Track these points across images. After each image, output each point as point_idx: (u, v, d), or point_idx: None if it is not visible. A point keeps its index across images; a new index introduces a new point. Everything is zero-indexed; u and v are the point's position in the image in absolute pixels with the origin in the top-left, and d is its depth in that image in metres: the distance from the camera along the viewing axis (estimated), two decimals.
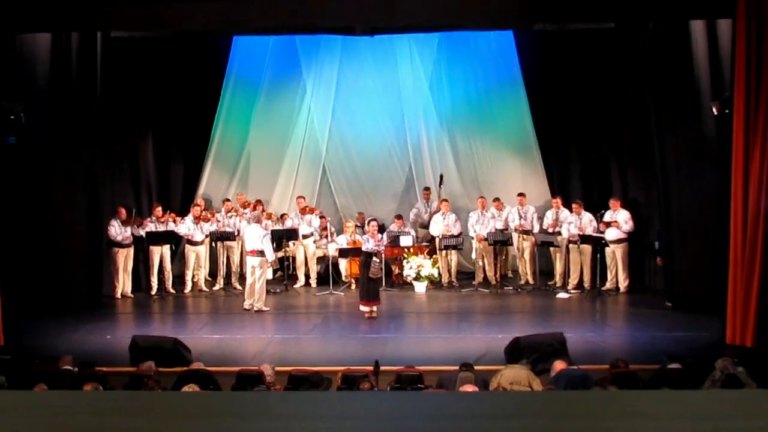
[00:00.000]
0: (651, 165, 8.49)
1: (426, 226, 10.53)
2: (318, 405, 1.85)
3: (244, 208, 10.15)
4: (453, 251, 9.87)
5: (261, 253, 8.19)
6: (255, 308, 8.28)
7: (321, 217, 10.28)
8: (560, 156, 10.75)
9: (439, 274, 9.87)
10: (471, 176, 11.25)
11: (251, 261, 8.29)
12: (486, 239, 9.65)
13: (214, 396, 2.57)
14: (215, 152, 11.05)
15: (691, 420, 1.72)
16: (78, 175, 8.19)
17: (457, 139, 11.17)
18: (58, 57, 7.71)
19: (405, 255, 9.81)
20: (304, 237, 10.04)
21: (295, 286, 9.96)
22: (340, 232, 10.32)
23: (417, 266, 9.63)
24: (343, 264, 9.94)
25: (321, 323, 7.80)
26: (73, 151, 8.07)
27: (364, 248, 7.99)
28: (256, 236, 8.25)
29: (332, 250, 9.72)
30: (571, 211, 9.62)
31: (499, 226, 9.88)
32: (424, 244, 10.32)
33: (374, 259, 7.69)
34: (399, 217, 10.40)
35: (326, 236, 10.06)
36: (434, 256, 9.86)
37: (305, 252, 10.12)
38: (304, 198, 10.26)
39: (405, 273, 9.76)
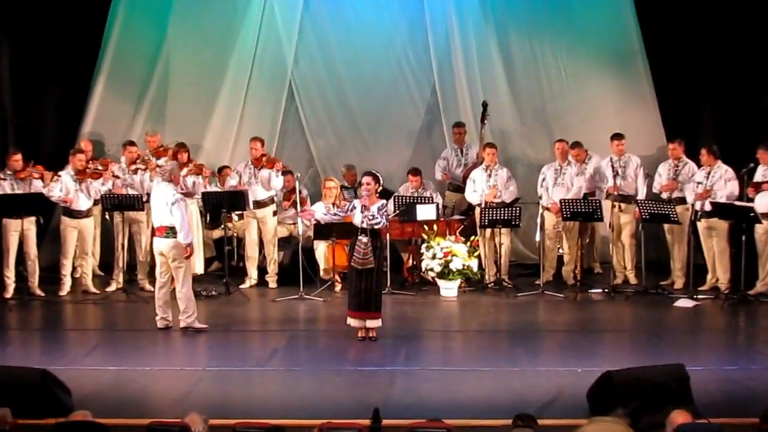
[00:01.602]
0: None
1: (460, 188, 10.60)
2: None
3: (158, 157, 10.18)
4: (504, 230, 9.87)
5: (171, 233, 8.04)
6: (180, 325, 8.20)
7: (285, 173, 10.31)
8: (682, 80, 10.83)
9: (481, 268, 9.93)
10: (534, 105, 11.36)
11: (158, 246, 8.20)
12: (561, 210, 9.65)
13: None
14: (110, 67, 11.12)
15: None
16: None
17: (512, 42, 11.26)
18: None
19: (425, 236, 9.80)
20: (258, 205, 10.10)
21: (242, 286, 10.05)
22: (317, 197, 10.37)
23: (444, 254, 9.62)
24: (321, 250, 9.97)
25: (285, 348, 7.90)
26: None
27: (356, 223, 7.90)
28: (163, 203, 8.10)
29: (303, 228, 9.76)
30: (699, 166, 9.61)
31: (577, 188, 9.93)
32: (456, 217, 10.41)
33: (360, 238, 7.79)
34: (415, 172, 10.46)
35: (294, 204, 10.10)
36: (473, 238, 9.86)
37: (259, 230, 10.18)
38: (259, 141, 10.24)
39: (424, 265, 9.76)
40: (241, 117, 11.23)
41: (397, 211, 9.86)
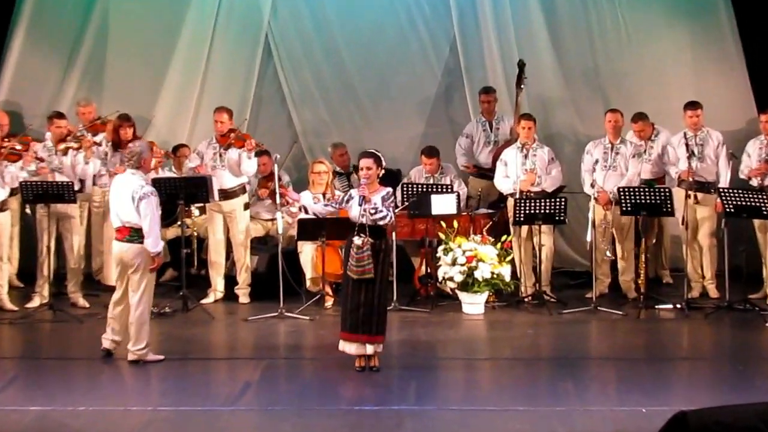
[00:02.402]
0: None
1: (488, 173, 10.64)
2: None
3: (95, 132, 10.20)
4: (545, 228, 9.89)
5: (137, 236, 7.95)
6: (128, 357, 8.13)
7: (260, 154, 10.33)
8: None
9: (515, 277, 9.95)
10: (585, 66, 11.46)
11: (118, 252, 8.12)
12: (620, 202, 9.65)
13: None
14: (31, 16, 11.17)
15: None
16: None
17: None
18: None
19: (442, 236, 9.80)
20: (225, 196, 10.14)
21: (204, 301, 10.09)
22: (302, 186, 10.42)
23: (467, 259, 9.61)
24: (307, 254, 9.97)
25: (260, 382, 7.89)
26: None
27: (353, 216, 7.83)
28: (127, 197, 8.00)
29: (285, 225, 9.78)
30: None
31: (632, 173, 9.99)
32: (483, 211, 10.43)
33: (355, 240, 7.72)
34: (429, 152, 10.49)
35: (272, 195, 10.13)
36: (504, 238, 9.84)
37: (227, 228, 10.22)
38: (226, 113, 10.22)
39: (441, 274, 9.75)
40: (203, 81, 11.30)
41: (407, 204, 9.87)
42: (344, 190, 9.69)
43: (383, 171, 7.89)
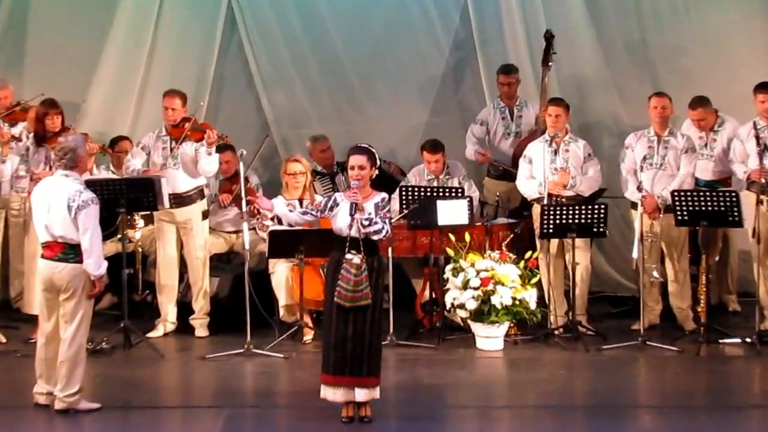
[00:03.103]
0: None
1: (508, 173, 10.68)
2: None
3: (12, 122, 10.23)
4: (580, 242, 9.90)
5: (72, 254, 7.90)
6: (56, 405, 8.10)
7: (223, 149, 10.38)
8: None
9: (542, 303, 9.96)
10: (629, 40, 11.50)
11: (46, 273, 8.09)
12: (673, 209, 9.65)
13: None
14: None
15: None
16: None
17: None
18: None
19: (451, 252, 9.83)
20: (179, 201, 10.14)
21: (152, 334, 10.11)
22: (275, 189, 10.47)
23: (483, 282, 9.60)
24: (281, 275, 10.01)
25: None
26: None
27: (338, 228, 7.80)
28: (59, 204, 7.97)
29: (251, 237, 9.77)
30: None
31: (685, 173, 9.98)
32: (502, 221, 10.45)
33: (349, 257, 7.67)
34: (434, 147, 10.48)
35: (236, 200, 10.15)
36: (529, 255, 9.87)
37: (180, 242, 10.25)
38: (178, 98, 10.20)
39: (450, 300, 9.77)
40: (149, 58, 11.36)
41: (405, 211, 9.85)
42: (327, 195, 9.62)
43: (377, 171, 7.82)
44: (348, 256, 7.59)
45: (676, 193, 9.58)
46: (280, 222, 8.20)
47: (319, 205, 8.01)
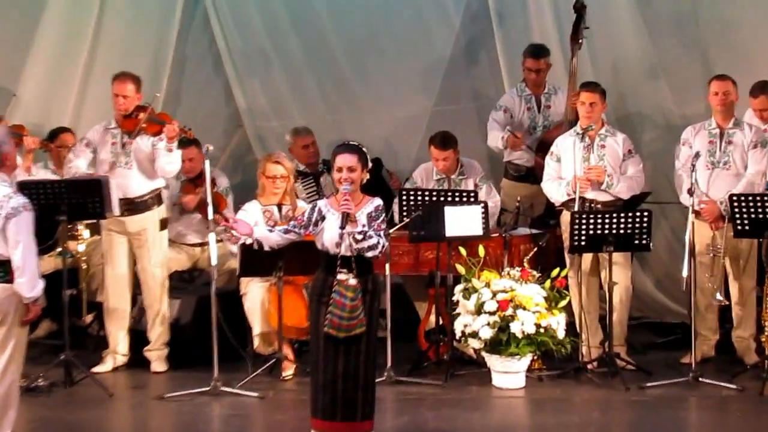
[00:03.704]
0: None
1: (531, 173, 10.72)
2: None
3: None
4: (618, 257, 9.93)
5: (2, 272, 7.88)
6: None
7: (186, 144, 10.42)
8: None
9: (573, 331, 9.96)
10: (678, 13, 11.49)
11: None
12: (734, 216, 9.63)
13: None
14: None
15: None
16: None
17: None
18: None
19: (461, 270, 9.85)
20: (132, 207, 10.16)
21: (98, 369, 10.13)
22: (247, 191, 10.53)
23: (500, 305, 9.59)
24: (255, 297, 10.03)
25: None
26: None
27: (322, 244, 7.83)
28: None
29: (219, 251, 9.76)
30: None
31: (754, 172, 9.97)
32: (524, 231, 10.46)
33: (342, 277, 7.68)
34: (443, 142, 10.51)
35: (201, 206, 10.24)
36: (557, 273, 9.87)
37: (133, 257, 10.28)
38: (131, 82, 10.17)
39: (460, 327, 9.77)
40: (96, 35, 11.42)
41: (406, 220, 9.82)
42: (310, 199, 9.57)
43: (367, 174, 7.80)
44: (341, 276, 7.60)
45: (735, 198, 9.59)
46: (260, 246, 8.13)
47: (301, 220, 7.95)
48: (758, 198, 9.56)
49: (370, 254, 7.63)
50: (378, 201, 7.76)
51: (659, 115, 11.30)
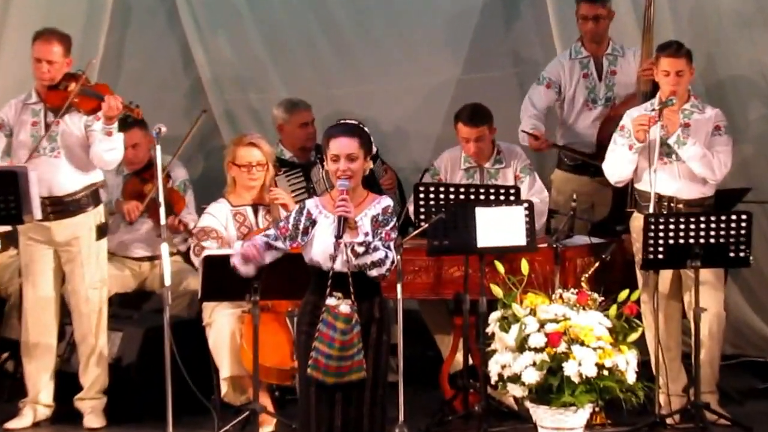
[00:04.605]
0: None
1: (590, 163, 10.76)
2: None
3: None
4: (709, 275, 9.98)
5: None
6: None
7: (130, 124, 10.54)
8: None
9: (646, 373, 9.91)
10: None
11: None
12: None
13: None
14: None
15: None
16: None
17: None
18: None
19: (498, 291, 9.70)
20: (60, 209, 10.20)
21: (13, 423, 10.15)
22: (213, 187, 10.69)
23: (550, 339, 9.50)
24: (222, 328, 10.03)
25: None
26: None
27: (311, 258, 7.83)
28: None
29: (174, 267, 9.94)
30: None
31: None
32: (581, 241, 10.55)
33: (331, 302, 7.67)
34: (473, 117, 10.56)
35: (150, 207, 10.32)
36: (626, 296, 9.72)
37: (61, 274, 10.32)
38: (58, 43, 10.18)
39: (495, 369, 9.65)
40: None
41: (424, 225, 9.83)
42: (297, 198, 9.58)
43: (370, 165, 7.78)
44: (330, 301, 7.57)
45: None
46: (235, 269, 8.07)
47: (285, 229, 7.89)
48: None
49: (374, 273, 7.59)
50: (387, 201, 7.71)
51: (761, 87, 11.26)
